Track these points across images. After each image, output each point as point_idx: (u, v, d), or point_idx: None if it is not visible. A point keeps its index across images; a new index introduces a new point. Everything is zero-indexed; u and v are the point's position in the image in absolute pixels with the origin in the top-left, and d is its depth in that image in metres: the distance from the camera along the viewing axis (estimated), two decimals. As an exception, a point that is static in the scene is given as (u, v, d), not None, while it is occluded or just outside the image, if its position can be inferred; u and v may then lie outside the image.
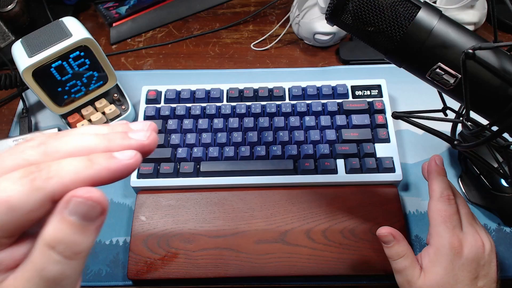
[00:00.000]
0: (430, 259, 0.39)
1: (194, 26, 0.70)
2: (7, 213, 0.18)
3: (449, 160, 0.54)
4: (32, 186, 0.18)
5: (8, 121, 0.60)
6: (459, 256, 0.38)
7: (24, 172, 0.19)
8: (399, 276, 0.40)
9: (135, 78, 0.62)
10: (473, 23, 0.62)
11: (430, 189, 0.42)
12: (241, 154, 0.51)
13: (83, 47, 0.49)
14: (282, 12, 0.71)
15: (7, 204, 0.18)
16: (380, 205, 0.49)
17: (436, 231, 0.39)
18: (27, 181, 0.18)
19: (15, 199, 0.18)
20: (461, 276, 0.37)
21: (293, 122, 0.53)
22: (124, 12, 0.69)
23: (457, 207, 0.41)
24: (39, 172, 0.19)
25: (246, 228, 0.48)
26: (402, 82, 0.59)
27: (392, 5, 0.31)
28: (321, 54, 0.65)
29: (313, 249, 0.46)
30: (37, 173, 0.19)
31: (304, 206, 0.49)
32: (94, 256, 0.49)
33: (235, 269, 0.46)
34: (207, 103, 0.56)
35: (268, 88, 0.56)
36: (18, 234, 0.20)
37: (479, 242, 0.38)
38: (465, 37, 0.30)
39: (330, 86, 0.56)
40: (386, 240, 0.40)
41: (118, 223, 0.51)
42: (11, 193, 0.18)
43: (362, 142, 0.52)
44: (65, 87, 0.51)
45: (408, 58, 0.32)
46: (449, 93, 0.33)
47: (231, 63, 0.65)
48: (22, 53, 0.47)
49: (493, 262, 0.39)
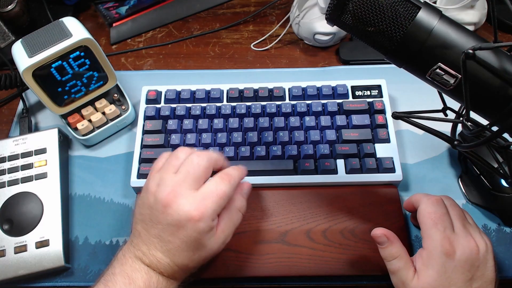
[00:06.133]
0: (423, 261, 0.39)
1: (194, 26, 0.70)
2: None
3: (449, 160, 0.54)
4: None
5: (8, 121, 0.60)
6: (451, 258, 0.38)
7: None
8: (393, 277, 0.40)
9: (135, 78, 0.62)
10: (473, 23, 0.62)
11: (419, 202, 0.42)
12: (241, 154, 0.51)
13: (83, 47, 0.49)
14: (282, 12, 0.71)
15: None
16: (380, 205, 0.49)
17: (428, 234, 0.39)
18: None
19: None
20: (455, 278, 0.37)
21: (293, 122, 0.53)
22: (124, 12, 0.69)
23: (447, 209, 0.41)
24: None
25: (246, 228, 0.48)
26: (402, 82, 0.59)
27: (392, 5, 0.31)
28: (321, 54, 0.65)
29: (313, 249, 0.46)
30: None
31: (304, 206, 0.49)
32: (94, 256, 0.49)
33: (235, 269, 0.46)
34: (207, 103, 0.56)
35: (268, 88, 0.56)
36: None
37: (472, 243, 0.38)
38: (465, 37, 0.30)
39: (330, 86, 0.56)
40: (380, 241, 0.41)
41: (118, 223, 0.51)
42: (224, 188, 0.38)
43: (362, 142, 0.52)
44: (65, 87, 0.51)
45: (408, 58, 0.32)
46: (449, 93, 0.33)
47: (231, 63, 0.65)
48: (22, 53, 0.47)
49: (489, 263, 0.39)
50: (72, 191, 0.53)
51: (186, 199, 0.37)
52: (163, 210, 0.37)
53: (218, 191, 0.38)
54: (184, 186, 0.37)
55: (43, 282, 0.47)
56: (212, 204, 0.37)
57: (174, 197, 0.37)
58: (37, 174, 0.50)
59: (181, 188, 0.37)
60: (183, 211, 0.36)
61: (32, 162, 0.51)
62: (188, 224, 0.36)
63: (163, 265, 0.38)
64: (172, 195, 0.37)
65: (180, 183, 0.37)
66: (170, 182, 0.38)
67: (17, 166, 0.51)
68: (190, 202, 0.37)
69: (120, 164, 0.55)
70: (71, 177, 0.54)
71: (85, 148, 0.56)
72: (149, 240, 0.38)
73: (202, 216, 0.36)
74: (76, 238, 0.50)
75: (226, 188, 0.38)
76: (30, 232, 0.47)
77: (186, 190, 0.37)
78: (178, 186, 0.37)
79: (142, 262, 0.38)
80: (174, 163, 0.39)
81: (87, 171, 0.55)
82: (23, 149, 0.52)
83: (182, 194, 0.37)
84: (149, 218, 0.38)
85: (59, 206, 0.49)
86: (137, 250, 0.38)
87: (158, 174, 0.39)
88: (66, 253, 0.47)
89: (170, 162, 0.40)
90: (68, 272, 0.48)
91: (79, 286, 0.47)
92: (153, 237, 0.38)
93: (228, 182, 0.39)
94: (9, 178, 0.50)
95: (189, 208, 0.36)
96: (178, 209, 0.36)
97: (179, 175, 0.38)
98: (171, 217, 0.37)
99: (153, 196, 0.38)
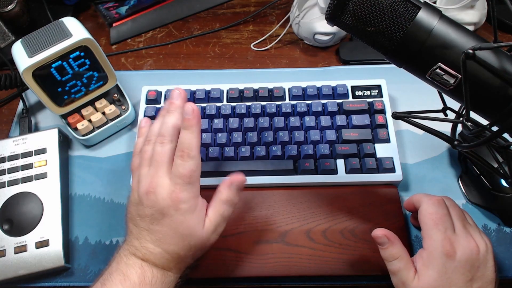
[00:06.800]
0: (423, 262, 0.39)
1: (194, 26, 0.70)
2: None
3: (449, 160, 0.54)
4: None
5: (8, 121, 0.60)
6: (452, 259, 0.38)
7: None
8: (394, 277, 0.40)
9: (135, 78, 0.62)
10: (473, 23, 0.62)
11: (420, 202, 0.42)
12: (241, 154, 0.51)
13: (83, 47, 0.49)
14: (282, 12, 0.71)
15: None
16: (380, 205, 0.49)
17: (428, 235, 0.39)
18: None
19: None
20: (455, 279, 0.37)
21: (293, 122, 0.53)
22: (124, 12, 0.69)
23: (448, 209, 0.41)
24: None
25: (246, 228, 0.48)
26: (402, 82, 0.59)
27: (392, 5, 0.31)
28: (321, 54, 0.65)
29: (313, 249, 0.46)
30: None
31: (304, 206, 0.49)
32: (94, 256, 0.49)
33: (235, 269, 0.46)
34: (207, 103, 0.56)
35: (268, 88, 0.56)
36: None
37: (472, 244, 0.38)
38: (465, 37, 0.30)
39: (330, 86, 0.56)
40: (381, 242, 0.41)
41: (118, 223, 0.51)
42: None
43: (362, 142, 0.52)
44: (65, 87, 0.51)
45: (408, 58, 0.32)
46: (449, 93, 0.33)
47: (231, 63, 0.65)
48: (22, 53, 0.47)
49: (489, 263, 0.39)
50: (72, 191, 0.53)
51: (162, 187, 0.39)
52: (146, 202, 0.39)
53: (183, 171, 0.39)
54: (159, 176, 0.39)
55: (43, 282, 0.47)
56: (185, 186, 0.39)
57: (153, 188, 0.39)
58: (37, 174, 0.50)
59: (157, 178, 0.39)
60: (162, 199, 0.38)
61: (32, 162, 0.51)
62: (170, 209, 0.38)
63: (155, 255, 0.39)
64: (151, 187, 0.39)
65: (155, 174, 0.39)
66: (147, 176, 0.40)
67: (17, 166, 0.51)
68: (166, 189, 0.39)
69: (120, 164, 0.55)
70: (71, 177, 0.54)
71: (85, 148, 0.56)
72: (139, 234, 0.39)
73: (179, 198, 0.38)
74: (76, 238, 0.50)
75: (189, 165, 0.39)
76: (30, 232, 0.47)
77: (161, 179, 0.39)
78: (155, 177, 0.39)
79: (136, 257, 0.39)
80: (146, 157, 0.41)
81: (87, 171, 0.55)
82: (23, 149, 0.52)
83: (158, 184, 0.39)
84: (136, 214, 0.40)
85: (59, 206, 0.49)
86: (130, 246, 0.40)
87: (137, 171, 0.41)
88: (66, 253, 0.47)
89: (142, 157, 0.42)
90: (68, 272, 0.48)
91: (79, 286, 0.47)
92: (142, 230, 0.39)
93: (188, 156, 0.39)
94: (9, 178, 0.50)
95: (167, 194, 0.38)
96: (157, 199, 0.38)
97: (152, 168, 0.40)
98: (154, 208, 0.38)
99: (136, 192, 0.40)
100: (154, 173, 0.39)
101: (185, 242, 0.39)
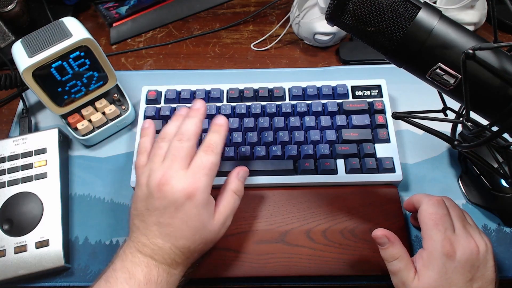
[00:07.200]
0: (423, 262, 0.39)
1: (194, 26, 0.70)
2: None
3: (449, 160, 0.54)
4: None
5: (8, 121, 0.60)
6: (452, 259, 0.38)
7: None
8: (394, 278, 0.40)
9: (135, 78, 0.62)
10: (473, 23, 0.62)
11: (420, 202, 0.42)
12: (241, 154, 0.51)
13: (83, 47, 0.49)
14: (282, 12, 0.71)
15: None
16: (380, 205, 0.49)
17: (428, 235, 0.39)
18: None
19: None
20: (455, 279, 0.37)
21: (293, 122, 0.53)
22: (124, 12, 0.69)
23: (448, 210, 0.41)
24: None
25: (246, 228, 0.48)
26: (402, 82, 0.59)
27: (392, 5, 0.31)
28: (321, 54, 0.65)
29: (313, 249, 0.46)
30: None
31: (304, 206, 0.49)
32: (94, 256, 0.49)
33: (235, 269, 0.46)
34: (207, 103, 0.56)
35: (268, 88, 0.56)
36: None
37: (472, 244, 0.38)
38: (465, 38, 0.30)
39: (330, 86, 0.56)
40: (381, 242, 0.41)
41: (118, 223, 0.51)
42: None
43: (362, 142, 0.52)
44: (65, 87, 0.51)
45: (408, 58, 0.32)
46: (449, 93, 0.33)
47: (231, 63, 0.65)
48: (22, 53, 0.47)
49: (489, 263, 0.39)
50: (72, 191, 0.53)
51: (178, 179, 0.38)
52: (158, 195, 0.38)
53: (205, 163, 0.39)
54: (173, 169, 0.39)
55: (43, 282, 0.47)
56: (204, 177, 0.39)
57: (166, 180, 0.38)
58: (37, 174, 0.50)
59: (171, 171, 0.39)
60: (177, 190, 0.38)
61: (32, 162, 0.51)
62: (185, 201, 0.38)
63: (164, 251, 0.38)
64: (164, 179, 0.38)
65: (169, 167, 0.39)
66: (159, 169, 0.39)
67: (17, 166, 0.51)
68: (182, 180, 0.38)
69: (120, 164, 0.55)
70: (71, 177, 0.54)
71: (85, 148, 0.56)
72: (147, 230, 0.39)
73: (197, 189, 0.38)
74: (76, 238, 0.50)
75: (212, 158, 0.40)
76: (30, 232, 0.47)
77: (176, 172, 0.39)
78: (168, 169, 0.39)
79: (142, 254, 0.38)
80: (159, 153, 0.41)
81: (87, 171, 0.55)
82: (23, 149, 0.52)
83: (173, 176, 0.38)
84: (145, 208, 0.39)
85: (59, 206, 0.49)
86: (136, 243, 0.39)
87: (147, 167, 0.41)
88: (66, 253, 0.47)
89: (155, 153, 0.41)
90: (68, 272, 0.48)
91: (79, 286, 0.47)
92: (151, 225, 0.39)
93: (212, 152, 0.40)
94: (9, 178, 0.50)
95: (183, 185, 0.38)
96: (173, 190, 0.38)
97: (166, 161, 0.40)
98: (167, 199, 0.38)
99: (146, 186, 0.39)
100: (168, 166, 0.39)
101: (196, 235, 0.39)
